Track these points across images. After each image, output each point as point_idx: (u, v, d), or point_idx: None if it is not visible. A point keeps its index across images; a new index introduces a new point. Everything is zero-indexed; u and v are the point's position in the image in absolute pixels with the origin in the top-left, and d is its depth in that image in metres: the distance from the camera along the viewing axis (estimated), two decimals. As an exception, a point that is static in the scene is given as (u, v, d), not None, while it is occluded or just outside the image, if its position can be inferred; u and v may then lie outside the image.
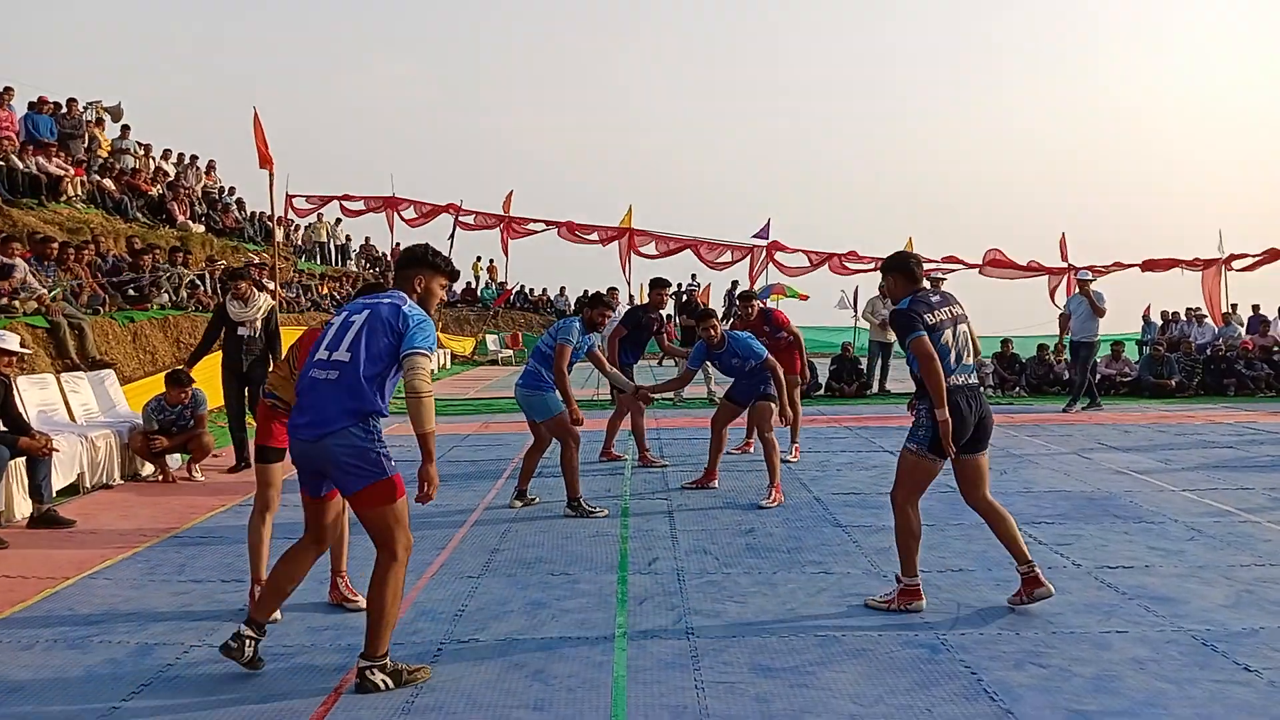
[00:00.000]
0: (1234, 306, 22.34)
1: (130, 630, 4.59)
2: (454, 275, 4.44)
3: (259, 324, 8.99)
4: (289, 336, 14.71)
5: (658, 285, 10.06)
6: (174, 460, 8.92)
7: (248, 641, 3.89)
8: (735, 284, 19.68)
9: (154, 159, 21.05)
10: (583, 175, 73.52)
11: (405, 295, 4.02)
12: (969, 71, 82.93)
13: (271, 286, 15.70)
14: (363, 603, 4.83)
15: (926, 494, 7.45)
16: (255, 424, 5.10)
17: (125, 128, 20.53)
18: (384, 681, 3.80)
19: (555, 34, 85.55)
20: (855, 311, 21.77)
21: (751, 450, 9.63)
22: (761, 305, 10.12)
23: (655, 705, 3.65)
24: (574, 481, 7.04)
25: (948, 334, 4.72)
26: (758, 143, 78.66)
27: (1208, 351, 17.84)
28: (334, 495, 4.02)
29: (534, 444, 7.46)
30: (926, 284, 5.07)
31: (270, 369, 8.77)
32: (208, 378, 9.67)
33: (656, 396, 8.60)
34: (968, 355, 4.77)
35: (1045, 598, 4.71)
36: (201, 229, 19.68)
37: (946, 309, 4.82)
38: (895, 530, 4.83)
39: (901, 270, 4.97)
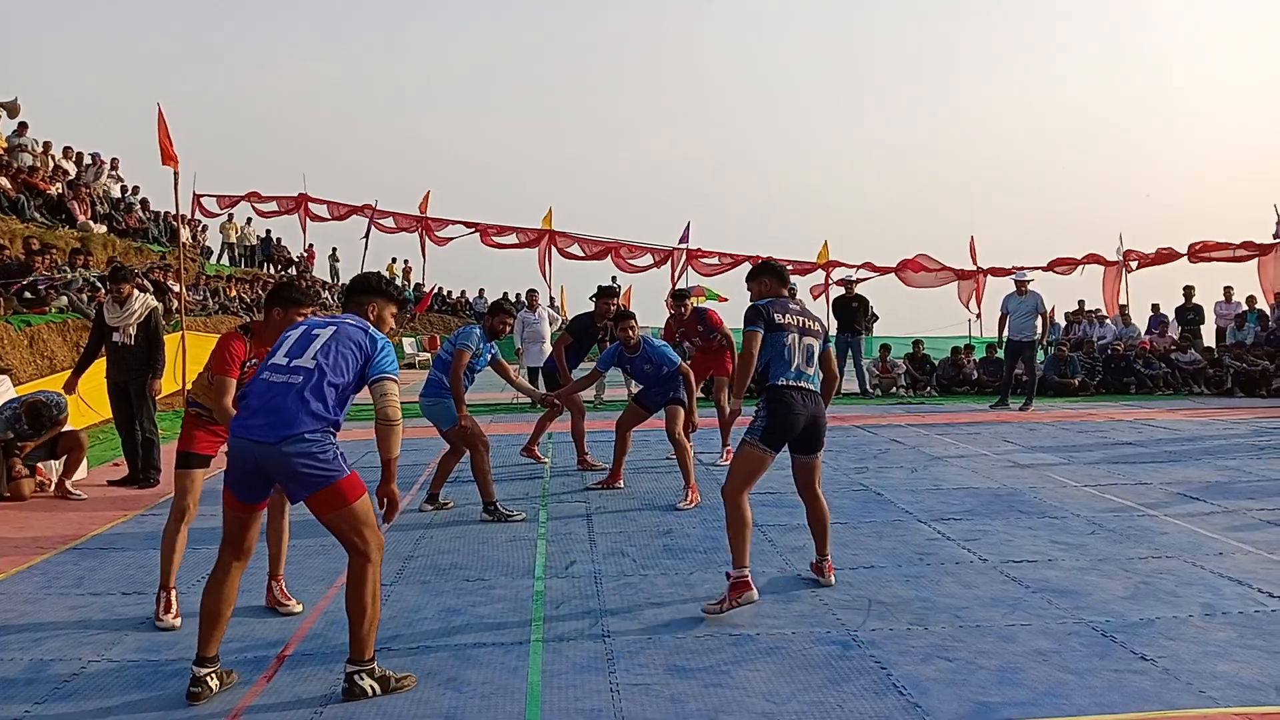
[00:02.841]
0: (1123, 307, 23.19)
1: (24, 646, 4.41)
2: (404, 304, 4.44)
3: (133, 330, 8.28)
4: (194, 341, 14.35)
5: (603, 295, 9.87)
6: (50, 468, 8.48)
7: (209, 678, 3.76)
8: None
9: (53, 157, 20.30)
10: (502, 175, 73.11)
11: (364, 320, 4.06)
12: (883, 77, 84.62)
13: (176, 289, 15.24)
14: (295, 606, 4.83)
15: (838, 492, 7.64)
16: (180, 430, 4.96)
17: (23, 124, 19.75)
18: (372, 687, 3.75)
19: (472, 33, 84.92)
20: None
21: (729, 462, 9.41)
22: (695, 305, 10.09)
23: (570, 710, 3.63)
24: (487, 486, 6.98)
25: (792, 338, 4.98)
26: (678, 145, 79.12)
27: (1109, 351, 18.48)
28: (263, 505, 3.91)
29: (450, 449, 7.39)
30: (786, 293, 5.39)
31: (153, 377, 8.43)
32: (94, 388, 9.32)
33: (560, 403, 8.56)
34: (808, 366, 5.00)
35: (826, 584, 5.18)
36: (103, 229, 19.03)
37: (800, 317, 5.09)
38: (726, 522, 4.85)
39: (773, 274, 5.39)
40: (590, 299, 9.79)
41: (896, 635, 4.41)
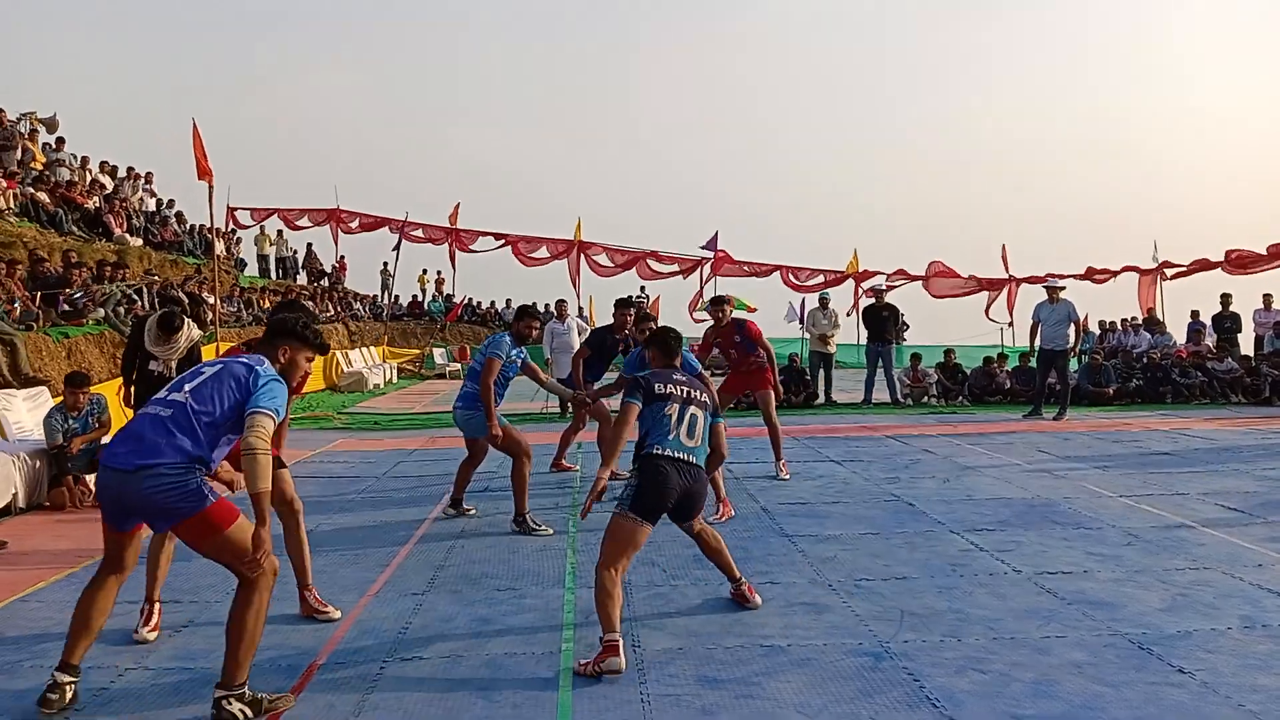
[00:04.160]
0: (1150, 311, 22.93)
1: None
2: (323, 350, 4.34)
3: (174, 363, 8.14)
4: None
5: (621, 306, 9.85)
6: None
7: (67, 688, 3.72)
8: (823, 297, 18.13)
9: (90, 171, 20.64)
10: (528, 184, 73.48)
11: (267, 360, 3.99)
12: (914, 85, 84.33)
13: (211, 300, 15.44)
14: (334, 613, 4.88)
15: (869, 503, 7.60)
16: None
17: (60, 139, 20.12)
18: (242, 711, 3.63)
19: (503, 43, 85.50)
20: (801, 324, 21.99)
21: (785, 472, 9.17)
22: (732, 314, 9.79)
23: (601, 720, 3.64)
24: (523, 497, 6.98)
25: (673, 408, 4.75)
26: (704, 152, 79.27)
27: (1144, 360, 18.26)
28: (139, 529, 3.87)
29: (469, 457, 7.42)
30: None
31: None
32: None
33: (591, 401, 8.52)
34: (690, 438, 4.72)
35: (753, 608, 5.02)
36: (139, 242, 19.32)
37: (684, 388, 4.86)
38: (595, 591, 4.34)
39: (660, 345, 5.26)
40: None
41: (930, 647, 4.37)
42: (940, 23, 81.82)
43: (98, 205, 18.76)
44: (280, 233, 30.64)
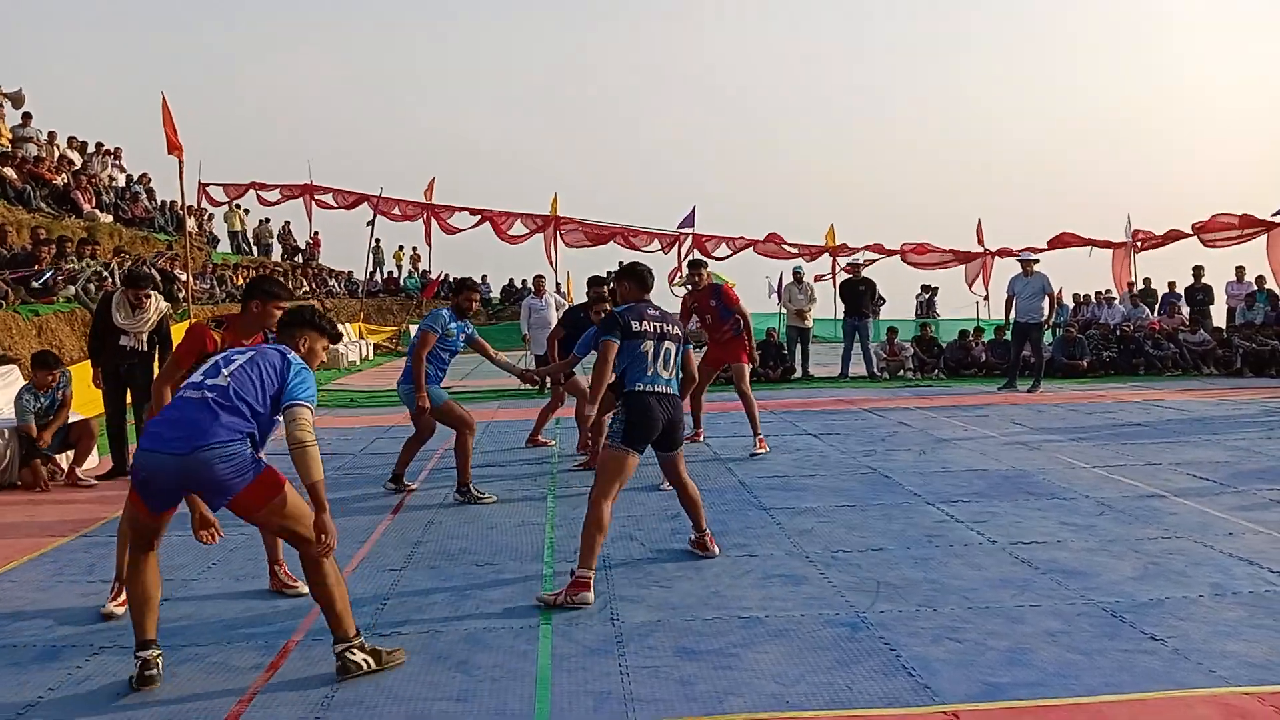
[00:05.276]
0: (1146, 282, 23.17)
1: (37, 633, 4.43)
2: (337, 338, 4.45)
3: (145, 335, 8.24)
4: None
5: (595, 284, 9.77)
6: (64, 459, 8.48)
7: (158, 660, 3.79)
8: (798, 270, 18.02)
9: (58, 147, 20.31)
10: (506, 164, 73.07)
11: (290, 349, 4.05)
12: (889, 61, 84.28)
13: (184, 277, 15.26)
14: (303, 588, 4.83)
15: (845, 475, 7.64)
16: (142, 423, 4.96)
17: (27, 115, 19.77)
18: (365, 661, 3.80)
19: (475, 18, 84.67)
20: (779, 298, 22.02)
21: (701, 440, 9.55)
22: (710, 279, 9.77)
23: (579, 692, 3.64)
24: (466, 469, 7.09)
25: (649, 344, 5.13)
26: (682, 130, 79.01)
27: (1117, 332, 18.43)
28: (173, 510, 3.88)
29: (415, 434, 7.48)
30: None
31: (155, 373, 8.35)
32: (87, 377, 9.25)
33: (538, 379, 8.51)
34: (665, 370, 5.17)
35: (709, 557, 5.44)
36: (109, 219, 19.05)
37: (657, 324, 5.22)
38: (584, 523, 4.84)
39: (635, 278, 5.48)
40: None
41: (905, 617, 4.41)
42: (921, 7, 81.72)
43: (66, 181, 18.47)
44: (240, 208, 30.13)
